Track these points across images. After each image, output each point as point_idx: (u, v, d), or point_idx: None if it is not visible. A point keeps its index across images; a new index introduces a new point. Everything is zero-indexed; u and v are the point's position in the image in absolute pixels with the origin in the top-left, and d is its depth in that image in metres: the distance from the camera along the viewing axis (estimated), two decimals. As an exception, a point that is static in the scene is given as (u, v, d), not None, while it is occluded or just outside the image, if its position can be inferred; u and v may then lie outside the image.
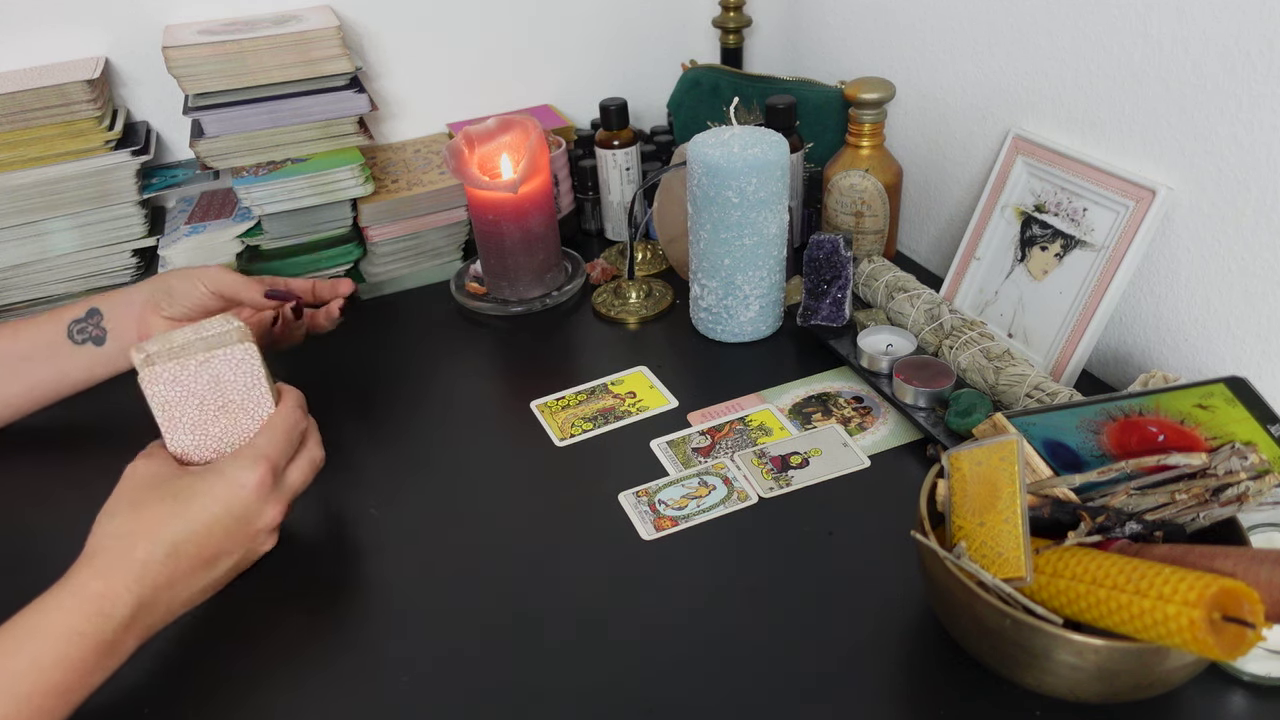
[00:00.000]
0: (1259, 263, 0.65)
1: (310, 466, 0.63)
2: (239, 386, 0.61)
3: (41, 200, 0.86)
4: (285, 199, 0.91)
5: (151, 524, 0.55)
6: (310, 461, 0.64)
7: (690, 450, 0.74)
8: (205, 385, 0.60)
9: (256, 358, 0.61)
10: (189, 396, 0.60)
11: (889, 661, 0.56)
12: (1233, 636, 0.43)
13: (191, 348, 0.60)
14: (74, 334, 0.73)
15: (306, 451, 0.64)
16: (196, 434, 0.61)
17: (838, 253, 0.80)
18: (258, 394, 0.61)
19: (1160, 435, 0.52)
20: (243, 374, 0.61)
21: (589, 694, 0.55)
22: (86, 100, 0.86)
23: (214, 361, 0.59)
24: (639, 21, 1.18)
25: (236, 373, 0.60)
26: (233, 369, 0.60)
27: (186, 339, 0.61)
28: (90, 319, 0.73)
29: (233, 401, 0.61)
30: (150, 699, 0.56)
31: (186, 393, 0.59)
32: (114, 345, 0.74)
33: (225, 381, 0.60)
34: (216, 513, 0.57)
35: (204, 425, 0.61)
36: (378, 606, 0.62)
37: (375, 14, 1.05)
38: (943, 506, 0.55)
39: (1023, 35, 0.80)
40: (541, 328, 0.92)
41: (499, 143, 0.90)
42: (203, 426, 0.61)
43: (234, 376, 0.60)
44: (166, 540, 0.55)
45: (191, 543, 0.56)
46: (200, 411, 0.60)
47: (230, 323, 0.62)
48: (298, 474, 0.62)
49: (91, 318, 0.74)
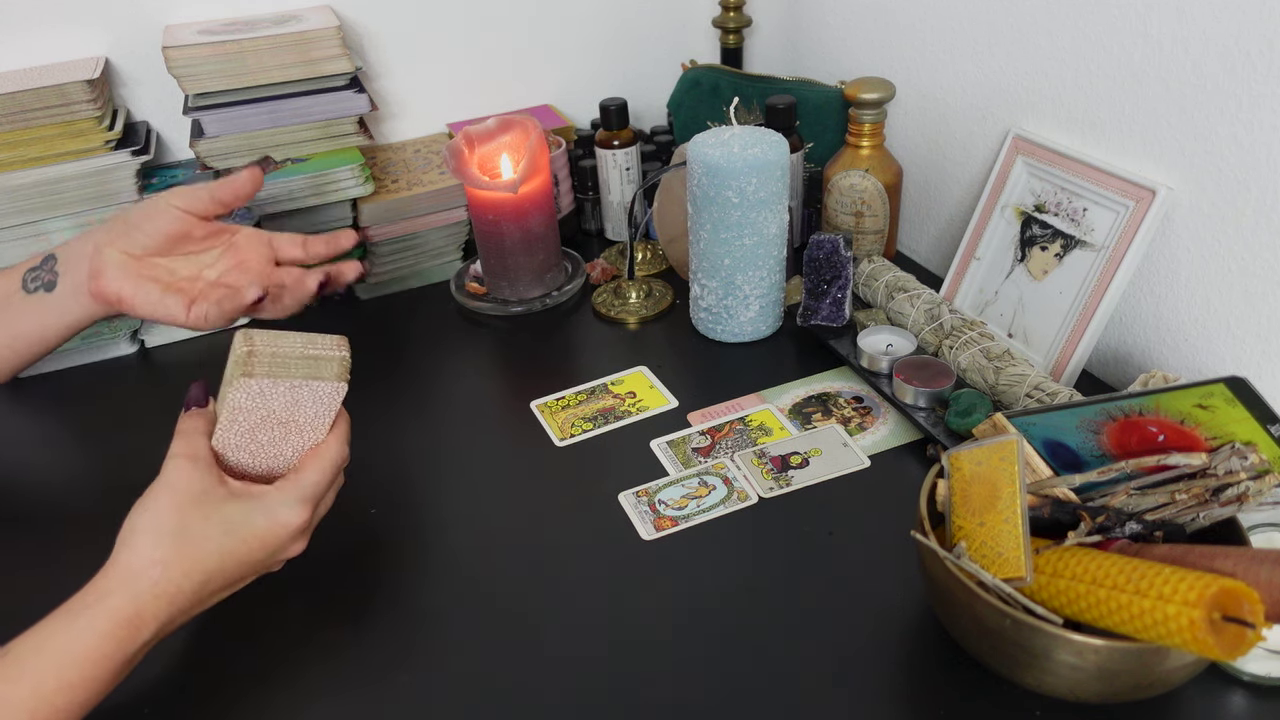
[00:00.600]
0: (1259, 263, 0.66)
1: (334, 495, 0.62)
2: (310, 414, 0.59)
3: (41, 200, 0.86)
4: (285, 199, 0.91)
5: (193, 555, 0.53)
6: (336, 489, 0.62)
7: (690, 450, 0.74)
8: (283, 404, 0.58)
9: (341, 397, 0.59)
10: (262, 408, 0.58)
11: (889, 661, 0.56)
12: (1233, 636, 0.43)
13: (293, 366, 0.58)
14: (27, 283, 0.70)
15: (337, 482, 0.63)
16: (244, 439, 0.59)
17: (838, 253, 0.80)
18: (321, 424, 0.60)
19: (1160, 435, 0.52)
20: (321, 407, 0.59)
21: (589, 694, 0.55)
22: (86, 100, 0.86)
23: (303, 390, 0.58)
24: (639, 21, 1.18)
25: (317, 404, 0.59)
26: (315, 400, 0.59)
27: (293, 350, 0.58)
28: (45, 265, 0.70)
29: (294, 422, 0.59)
30: (150, 699, 0.56)
31: (263, 405, 0.58)
32: (65, 288, 0.69)
33: (302, 406, 0.59)
34: (254, 548, 0.56)
35: (256, 434, 0.59)
36: (377, 607, 0.62)
37: (375, 14, 1.05)
38: (943, 506, 0.55)
39: (1023, 35, 0.80)
40: (541, 328, 0.92)
41: (499, 143, 0.90)
42: (254, 435, 0.59)
43: (312, 405, 0.59)
44: (201, 572, 0.54)
45: (223, 574, 0.55)
46: (263, 422, 0.59)
47: (340, 350, 0.60)
48: (325, 505, 0.61)
49: (46, 264, 0.70)
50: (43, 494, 0.74)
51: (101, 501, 0.59)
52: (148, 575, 0.52)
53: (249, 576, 0.57)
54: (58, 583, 0.53)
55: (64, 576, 0.53)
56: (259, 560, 0.56)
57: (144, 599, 0.51)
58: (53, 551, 0.67)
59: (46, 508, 0.73)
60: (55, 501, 0.73)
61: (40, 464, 0.77)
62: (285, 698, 0.56)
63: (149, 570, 0.52)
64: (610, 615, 0.60)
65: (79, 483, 0.75)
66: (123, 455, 0.75)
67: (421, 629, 0.60)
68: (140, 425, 0.80)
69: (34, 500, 0.74)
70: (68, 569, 0.54)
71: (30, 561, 0.67)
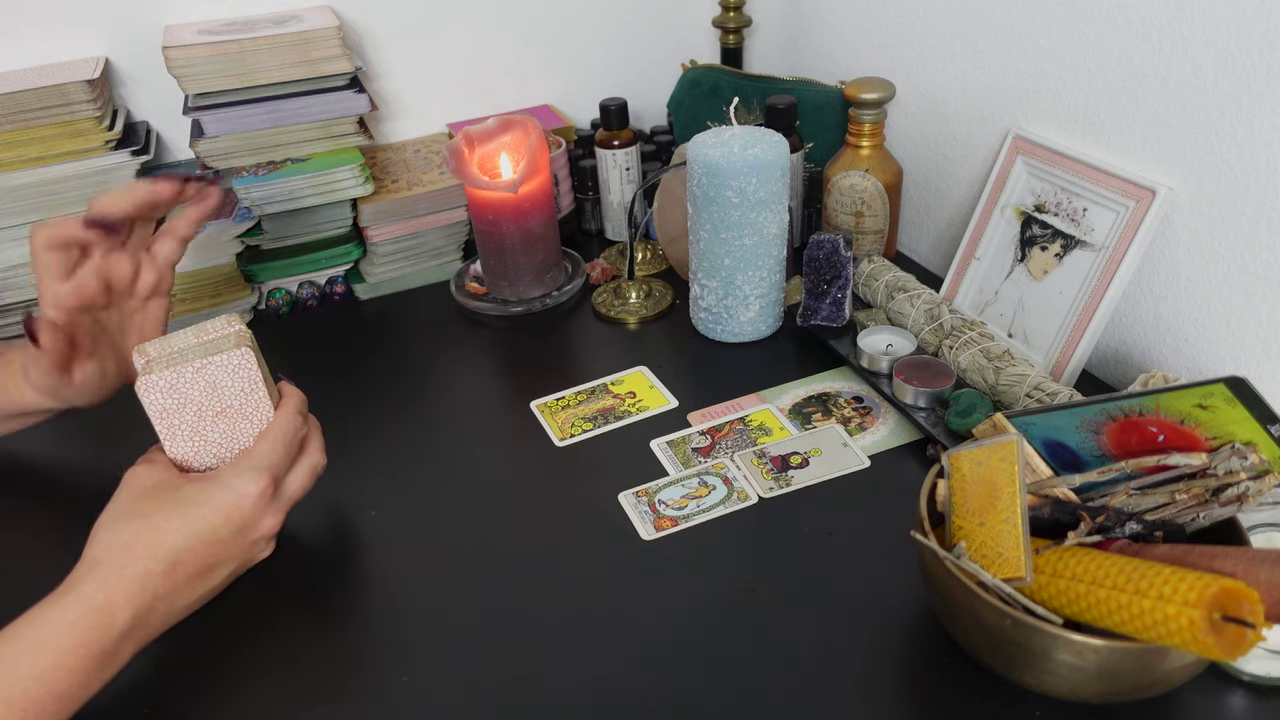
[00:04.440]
0: (1259, 263, 0.65)
1: (310, 473, 0.63)
2: (237, 391, 0.60)
3: (41, 200, 0.86)
4: (285, 199, 0.91)
5: (153, 535, 0.55)
6: (310, 468, 0.63)
7: (690, 450, 0.74)
8: (202, 391, 0.59)
9: (253, 362, 0.60)
10: (186, 403, 0.59)
11: (889, 661, 0.56)
12: (1233, 636, 0.43)
13: (189, 353, 0.59)
14: None
15: (307, 457, 0.63)
16: (195, 440, 0.60)
17: (838, 253, 0.80)
18: (256, 398, 0.61)
19: (1160, 435, 0.52)
20: (240, 379, 0.60)
21: (588, 694, 0.55)
22: (86, 100, 0.86)
23: (210, 368, 0.59)
24: (639, 21, 1.18)
25: (234, 378, 0.60)
26: (230, 374, 0.59)
27: (186, 343, 0.60)
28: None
29: (231, 407, 0.60)
30: (150, 699, 0.56)
31: (184, 399, 0.59)
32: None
33: (223, 387, 0.59)
34: (216, 523, 0.56)
35: (202, 431, 0.60)
36: (377, 607, 0.62)
37: (375, 14, 1.05)
38: (943, 506, 0.55)
39: (1023, 35, 0.80)
40: (541, 328, 0.92)
41: (499, 143, 0.90)
42: (201, 432, 0.60)
43: (231, 382, 0.60)
44: (167, 552, 0.55)
45: (191, 553, 0.56)
46: (198, 418, 0.60)
47: (232, 325, 0.61)
48: (297, 481, 0.61)
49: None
50: (34, 492, 0.74)
51: (89, 500, 0.59)
52: (112, 560, 0.53)
53: (227, 560, 0.58)
54: (50, 581, 0.54)
55: (56, 574, 0.54)
56: (227, 537, 0.57)
57: (111, 583, 0.52)
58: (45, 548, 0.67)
59: (36, 504, 0.73)
60: (45, 499, 0.73)
61: (30, 464, 0.77)
62: (285, 698, 0.56)
63: (112, 555, 0.54)
64: (610, 615, 0.60)
65: (67, 480, 0.75)
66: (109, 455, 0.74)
67: (421, 629, 0.60)
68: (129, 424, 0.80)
69: (26, 498, 0.74)
70: (61, 567, 0.54)
71: (26, 557, 0.67)
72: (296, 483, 0.61)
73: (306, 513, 0.69)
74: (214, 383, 0.59)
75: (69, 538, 0.56)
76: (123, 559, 0.53)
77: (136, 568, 0.53)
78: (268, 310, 0.96)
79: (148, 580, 0.53)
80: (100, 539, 0.55)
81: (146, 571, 0.54)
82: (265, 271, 0.94)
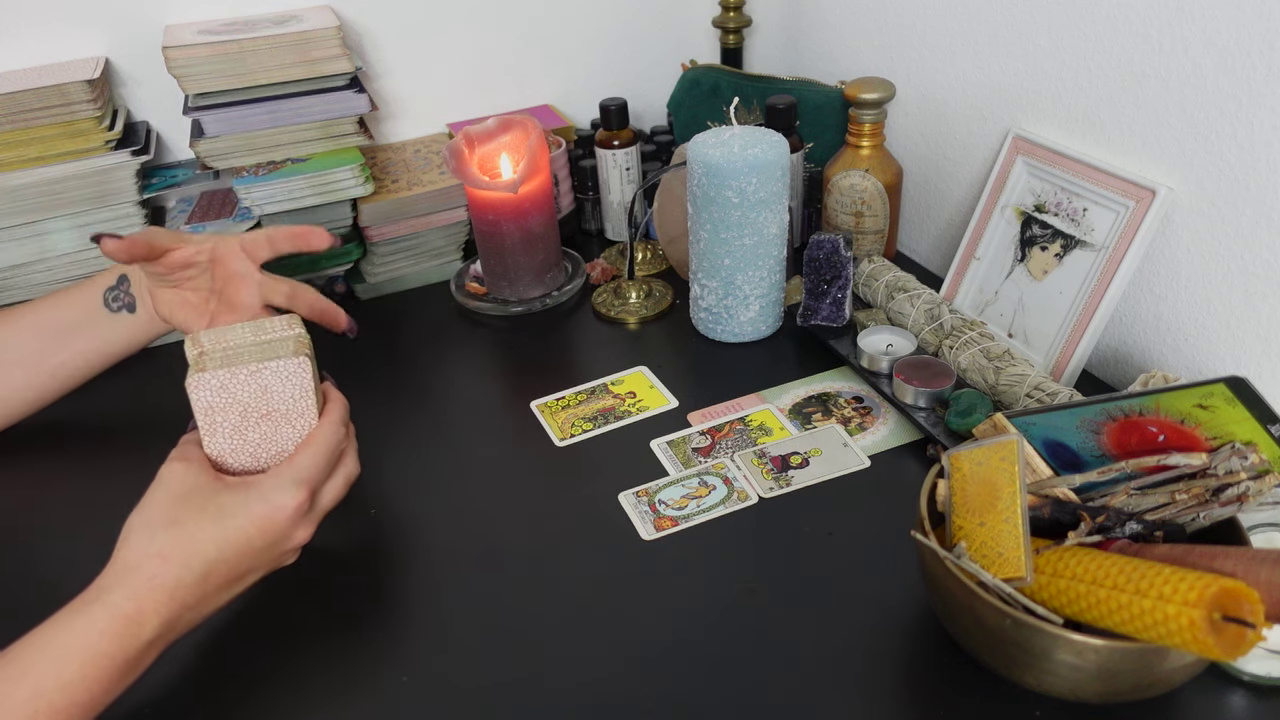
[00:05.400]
0: (1259, 263, 0.65)
1: (345, 483, 0.62)
2: (286, 398, 0.59)
3: (41, 200, 0.86)
4: (285, 199, 0.91)
5: (189, 546, 0.53)
6: (345, 478, 0.62)
7: (690, 450, 0.74)
8: (252, 394, 0.58)
9: (309, 371, 0.59)
10: (233, 404, 0.57)
11: (889, 661, 0.56)
12: (1233, 636, 0.43)
13: (245, 354, 0.58)
14: (109, 302, 0.74)
15: (343, 468, 0.62)
16: (235, 439, 0.59)
17: (838, 253, 0.80)
18: (304, 405, 0.59)
19: (1160, 435, 0.52)
20: (292, 386, 0.58)
21: (588, 694, 0.55)
22: (86, 100, 0.86)
23: (265, 372, 0.57)
24: (639, 21, 1.18)
25: (286, 385, 0.58)
26: (283, 381, 0.58)
27: (243, 340, 0.59)
28: (120, 286, 0.75)
29: (277, 411, 0.59)
30: (150, 698, 0.56)
31: (231, 400, 0.57)
32: (144, 309, 0.75)
33: (273, 392, 0.58)
34: (251, 535, 0.55)
35: (244, 431, 0.59)
36: (376, 607, 0.62)
37: (375, 14, 1.05)
38: (943, 506, 0.55)
39: (1023, 35, 0.80)
40: (541, 328, 0.92)
41: (499, 143, 0.90)
42: (243, 432, 0.59)
43: (282, 388, 0.58)
44: (201, 563, 0.53)
45: (224, 564, 0.54)
46: (243, 418, 0.58)
47: (292, 328, 0.60)
48: (332, 492, 0.61)
49: (121, 284, 0.75)
50: (47, 491, 0.74)
51: (106, 500, 0.59)
52: (145, 569, 0.52)
53: (256, 569, 0.57)
54: (64, 582, 0.53)
55: (70, 575, 0.54)
56: (260, 549, 0.56)
57: (142, 593, 0.51)
58: (59, 549, 0.67)
59: (51, 503, 0.73)
60: (58, 499, 0.73)
61: (44, 460, 0.77)
62: (284, 699, 0.56)
63: (146, 564, 0.52)
64: (610, 615, 0.60)
65: (83, 480, 0.75)
66: (128, 452, 0.75)
67: (421, 629, 0.60)
68: (144, 422, 0.80)
69: (38, 495, 0.74)
70: (76, 567, 0.54)
71: (33, 560, 0.67)
72: (331, 494, 0.61)
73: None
74: (265, 386, 0.58)
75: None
76: (155, 568, 0.52)
77: (168, 578, 0.52)
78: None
79: (178, 591, 0.52)
80: (133, 543, 0.53)
81: (179, 582, 0.52)
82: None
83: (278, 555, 0.58)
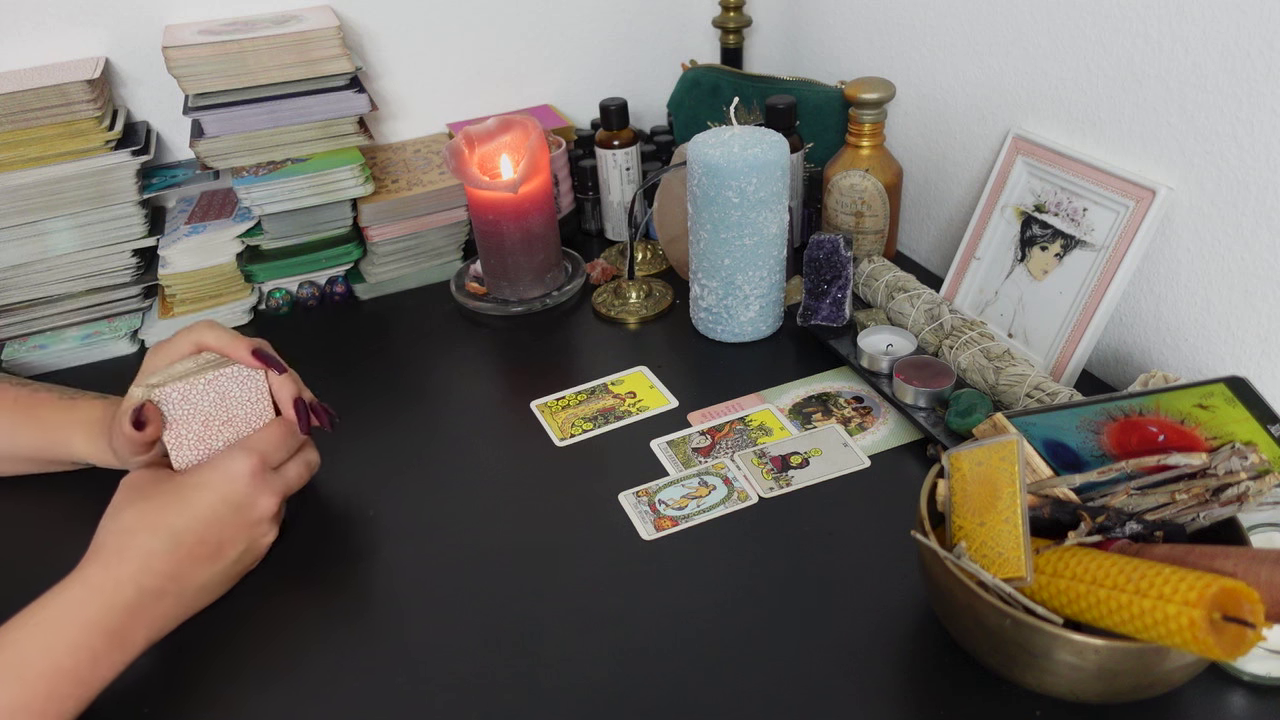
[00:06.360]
0: (1259, 263, 0.66)
1: (306, 466, 0.66)
2: (244, 401, 0.63)
3: (41, 200, 0.86)
4: (285, 199, 0.91)
5: (152, 515, 0.57)
6: (306, 462, 0.66)
7: (690, 450, 0.74)
8: (212, 402, 0.62)
9: (262, 376, 0.64)
10: (195, 414, 0.62)
11: (889, 661, 0.56)
12: (1233, 636, 0.43)
13: (196, 372, 0.62)
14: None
15: (303, 454, 0.66)
16: (200, 448, 0.63)
17: (838, 253, 0.80)
18: (261, 408, 0.64)
19: (1160, 435, 0.52)
20: (248, 390, 0.63)
21: (588, 693, 0.55)
22: (86, 100, 0.86)
23: (222, 379, 0.62)
24: (639, 21, 1.18)
25: (243, 389, 0.63)
26: (239, 385, 0.63)
27: (187, 368, 0.63)
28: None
29: (237, 415, 0.63)
30: (150, 699, 0.56)
31: (193, 410, 0.62)
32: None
33: (231, 397, 0.63)
34: (212, 501, 0.59)
35: (207, 440, 0.63)
36: (376, 607, 0.62)
37: (375, 14, 1.05)
38: (943, 506, 0.55)
39: (1023, 35, 0.80)
40: (541, 328, 0.92)
41: (499, 143, 0.90)
42: (206, 442, 0.63)
43: (240, 392, 0.63)
44: (166, 530, 0.57)
45: (192, 532, 0.58)
46: (205, 427, 0.62)
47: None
48: (293, 470, 0.64)
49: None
50: (42, 489, 0.74)
51: (98, 498, 0.59)
52: (113, 542, 0.56)
53: (231, 541, 0.59)
54: (56, 577, 0.54)
55: (61, 573, 0.54)
56: (225, 515, 0.59)
57: (113, 562, 0.55)
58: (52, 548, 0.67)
59: (45, 503, 0.73)
60: (54, 497, 0.73)
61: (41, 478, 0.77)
62: (284, 699, 0.56)
63: (112, 539, 0.56)
64: (610, 615, 0.60)
65: (76, 481, 0.75)
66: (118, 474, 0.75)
67: (420, 629, 0.60)
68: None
69: (33, 495, 0.74)
70: (67, 566, 0.54)
71: (30, 559, 0.67)
72: (294, 471, 0.64)
73: (306, 512, 0.69)
74: (224, 392, 0.62)
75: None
76: (123, 539, 0.56)
77: (137, 545, 0.56)
78: (268, 310, 0.97)
79: (150, 560, 0.55)
80: (103, 528, 0.57)
81: (149, 550, 0.56)
82: (265, 271, 0.94)
83: (249, 525, 0.60)
